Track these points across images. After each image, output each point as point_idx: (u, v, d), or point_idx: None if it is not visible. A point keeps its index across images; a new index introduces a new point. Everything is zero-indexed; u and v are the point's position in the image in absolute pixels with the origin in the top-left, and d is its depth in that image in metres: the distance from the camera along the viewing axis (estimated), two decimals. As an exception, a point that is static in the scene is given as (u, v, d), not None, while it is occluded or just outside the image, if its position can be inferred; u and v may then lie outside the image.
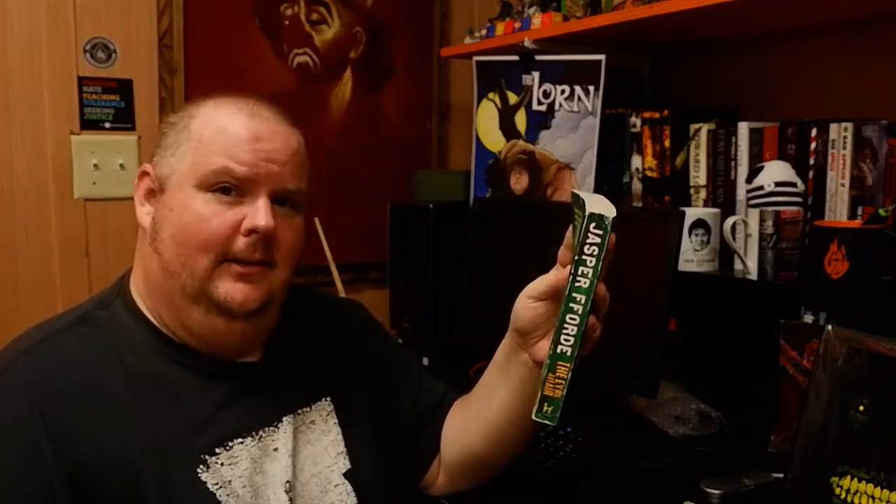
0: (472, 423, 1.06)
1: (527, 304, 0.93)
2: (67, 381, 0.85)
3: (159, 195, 0.91)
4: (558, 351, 0.84)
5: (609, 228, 0.82)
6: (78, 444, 0.82)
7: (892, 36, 1.42)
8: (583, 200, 0.85)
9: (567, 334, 0.84)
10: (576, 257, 0.84)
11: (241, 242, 0.88)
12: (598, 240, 0.83)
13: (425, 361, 1.78)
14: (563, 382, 0.84)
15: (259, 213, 0.88)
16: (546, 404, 0.85)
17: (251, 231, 0.88)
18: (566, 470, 1.19)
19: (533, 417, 0.86)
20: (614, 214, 0.83)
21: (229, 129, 0.89)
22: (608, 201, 0.86)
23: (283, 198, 0.91)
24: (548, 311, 0.91)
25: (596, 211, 0.83)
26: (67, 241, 1.68)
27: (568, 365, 0.84)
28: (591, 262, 0.83)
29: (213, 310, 0.89)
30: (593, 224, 0.83)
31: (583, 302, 0.84)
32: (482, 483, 1.09)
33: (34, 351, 0.87)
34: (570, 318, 0.84)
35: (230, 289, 0.89)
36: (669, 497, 1.11)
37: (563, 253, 0.90)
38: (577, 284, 0.84)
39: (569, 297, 0.84)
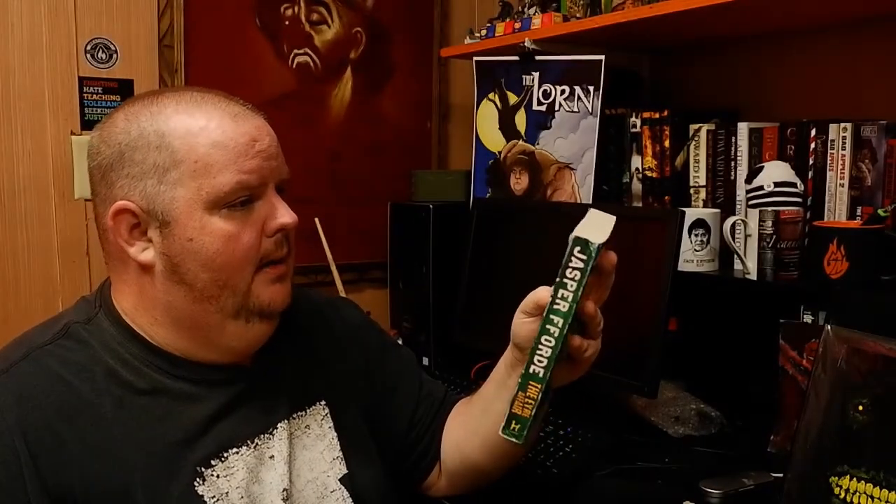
0: (471, 434, 1.05)
1: (521, 319, 0.93)
2: (50, 402, 0.81)
3: (162, 229, 0.84)
4: (531, 371, 0.85)
5: (594, 254, 0.82)
6: (63, 466, 0.79)
7: (892, 36, 1.42)
8: (584, 218, 0.84)
9: (541, 355, 0.84)
10: (557, 279, 0.84)
11: (268, 244, 0.88)
12: (580, 265, 0.83)
13: (425, 361, 1.78)
14: (533, 402, 0.84)
15: (279, 210, 0.88)
16: (514, 422, 0.86)
17: (278, 230, 0.88)
18: (566, 470, 1.19)
19: (499, 433, 0.86)
20: (602, 241, 0.82)
21: (225, 140, 0.84)
22: (608, 221, 0.84)
23: (280, 187, 0.90)
24: None
25: (582, 235, 0.82)
26: (68, 241, 1.69)
27: (539, 386, 0.84)
28: (571, 286, 0.83)
29: (255, 318, 0.88)
30: (577, 248, 0.83)
31: (560, 325, 0.84)
32: (483, 487, 1.09)
33: (14, 370, 0.83)
34: (546, 340, 0.84)
35: (270, 293, 0.88)
36: (669, 497, 1.11)
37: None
38: (555, 307, 0.84)
39: (546, 318, 0.84)
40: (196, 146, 0.84)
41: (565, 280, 0.83)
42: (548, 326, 0.84)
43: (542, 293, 0.89)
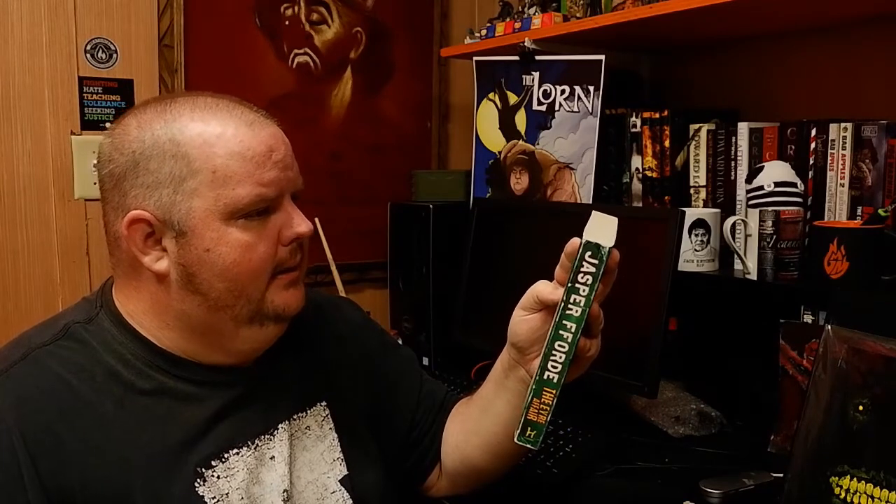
0: (471, 435, 1.05)
1: (521, 316, 0.92)
2: (49, 403, 0.81)
3: (178, 238, 0.84)
4: (545, 377, 0.84)
5: (605, 258, 0.82)
6: (63, 467, 0.79)
7: (892, 36, 1.42)
8: (588, 222, 0.84)
9: (555, 361, 0.84)
10: (569, 284, 0.83)
11: (284, 252, 0.88)
12: (592, 269, 0.83)
13: (425, 361, 1.78)
14: (548, 409, 0.84)
15: (295, 220, 0.88)
16: (529, 429, 0.85)
17: (294, 239, 0.88)
18: (566, 470, 1.19)
19: (515, 441, 0.86)
20: (611, 244, 0.82)
21: (242, 150, 0.83)
22: (612, 223, 0.84)
23: (295, 194, 0.90)
24: (543, 324, 0.90)
25: (593, 240, 0.82)
26: (68, 241, 1.69)
27: (553, 392, 0.84)
28: (583, 290, 0.83)
29: (269, 322, 0.89)
30: (589, 253, 0.83)
31: (573, 330, 0.84)
32: (483, 487, 1.09)
33: (13, 371, 0.82)
34: (559, 346, 0.84)
35: (284, 298, 0.89)
36: (669, 497, 1.11)
37: (558, 273, 0.88)
38: (568, 312, 0.83)
39: (559, 323, 0.84)
40: (213, 156, 0.83)
41: (577, 285, 0.83)
42: (561, 332, 0.84)
43: (542, 288, 0.89)
